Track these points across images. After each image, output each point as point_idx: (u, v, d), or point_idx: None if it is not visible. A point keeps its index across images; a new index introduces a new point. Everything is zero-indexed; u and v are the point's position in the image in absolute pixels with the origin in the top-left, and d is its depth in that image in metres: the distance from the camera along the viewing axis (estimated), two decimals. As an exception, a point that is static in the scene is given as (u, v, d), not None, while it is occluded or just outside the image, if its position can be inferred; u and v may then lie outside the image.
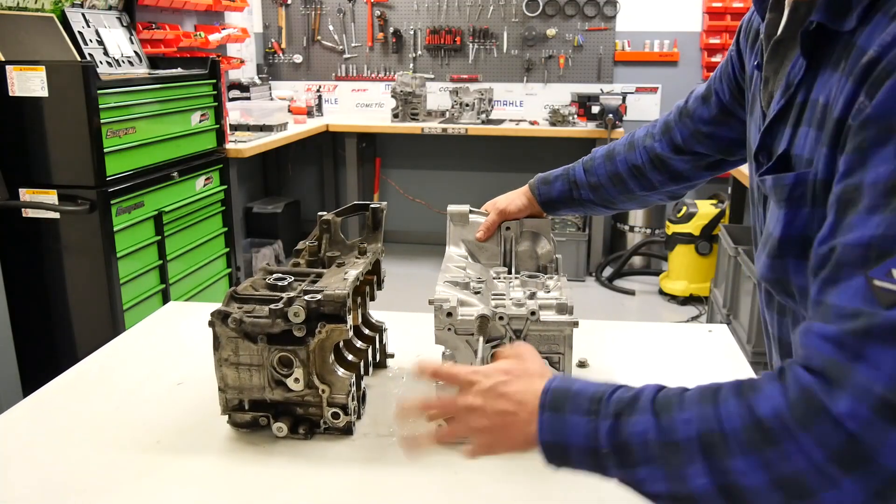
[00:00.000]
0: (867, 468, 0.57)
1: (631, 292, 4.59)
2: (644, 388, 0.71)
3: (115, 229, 2.76)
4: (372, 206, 1.33)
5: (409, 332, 1.45)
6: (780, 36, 0.82)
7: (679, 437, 0.65)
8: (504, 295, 1.13)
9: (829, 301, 0.62)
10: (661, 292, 4.55)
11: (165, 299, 3.07)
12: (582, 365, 1.33)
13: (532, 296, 1.11)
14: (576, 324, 1.07)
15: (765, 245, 0.80)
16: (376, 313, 1.38)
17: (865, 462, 0.57)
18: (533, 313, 1.05)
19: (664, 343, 1.47)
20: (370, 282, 1.31)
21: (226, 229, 3.59)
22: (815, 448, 0.58)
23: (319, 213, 1.30)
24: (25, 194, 2.69)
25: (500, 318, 1.06)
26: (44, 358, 2.78)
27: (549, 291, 1.15)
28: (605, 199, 1.32)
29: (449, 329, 1.05)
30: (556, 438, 0.73)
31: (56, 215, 2.69)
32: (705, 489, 0.64)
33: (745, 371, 1.32)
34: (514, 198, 1.34)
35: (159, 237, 3.05)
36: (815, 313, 0.64)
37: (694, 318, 4.19)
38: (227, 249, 3.62)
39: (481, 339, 1.04)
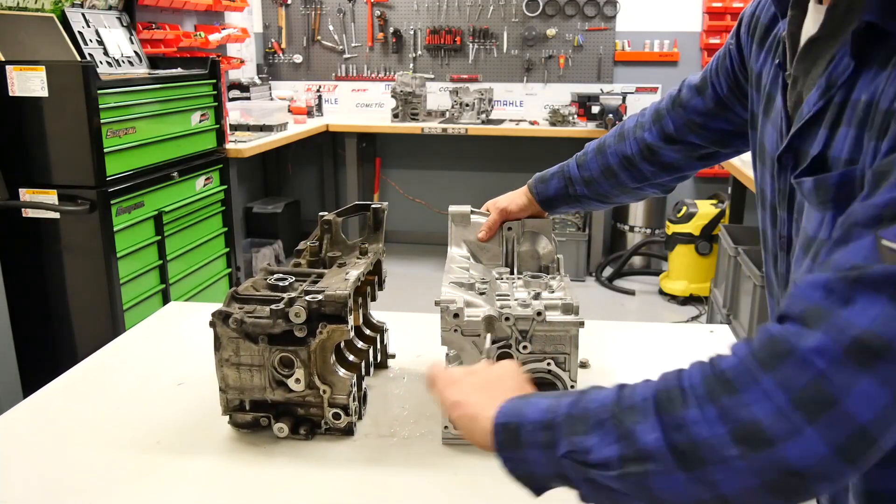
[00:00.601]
0: (832, 415, 0.54)
1: (631, 292, 4.59)
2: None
3: (115, 229, 2.75)
4: (373, 206, 1.33)
5: (410, 333, 1.45)
6: (816, 35, 0.79)
7: (636, 399, 0.63)
8: (508, 295, 1.13)
9: (832, 258, 0.60)
10: (661, 292, 4.55)
11: (165, 299, 3.07)
12: (583, 365, 1.33)
13: (537, 296, 1.11)
14: (581, 324, 1.07)
15: (806, 249, 0.77)
16: (377, 313, 1.38)
17: (830, 407, 0.54)
18: (539, 314, 1.05)
19: (665, 343, 1.47)
20: (371, 282, 1.31)
21: (226, 229, 3.59)
22: (777, 390, 0.55)
23: (320, 214, 1.30)
24: (25, 194, 2.69)
25: (507, 318, 1.06)
26: (44, 358, 2.77)
27: (553, 292, 1.15)
28: (600, 194, 1.31)
29: (455, 330, 1.05)
30: (513, 418, 0.71)
31: (56, 215, 2.69)
32: (656, 445, 0.60)
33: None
34: (515, 197, 1.34)
35: (159, 237, 3.05)
36: (816, 269, 0.62)
37: (694, 318, 4.19)
38: (227, 249, 3.62)
39: (489, 336, 1.04)
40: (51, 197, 2.68)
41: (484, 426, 0.73)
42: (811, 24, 0.81)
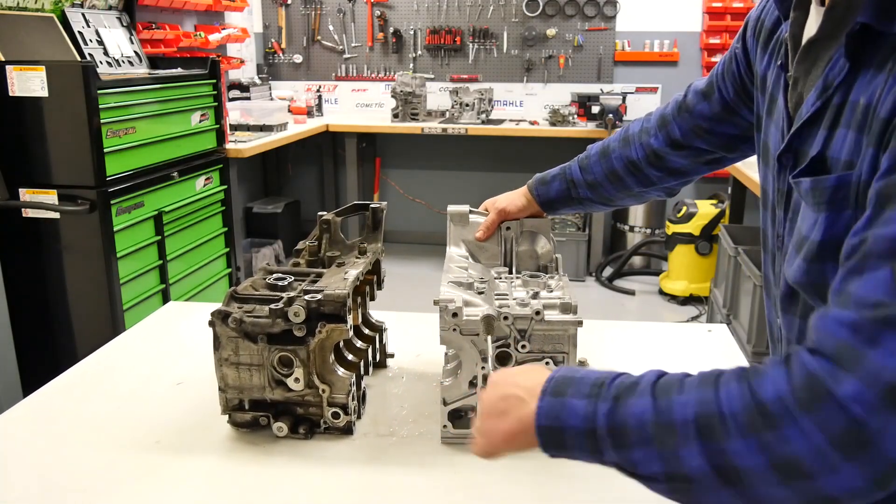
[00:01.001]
0: (868, 455, 0.57)
1: (631, 292, 4.59)
2: (646, 374, 0.72)
3: (115, 229, 2.75)
4: (372, 205, 1.33)
5: (409, 332, 1.45)
6: (815, 36, 0.80)
7: (675, 419, 0.66)
8: (507, 295, 1.13)
9: (850, 289, 0.62)
10: (661, 292, 4.55)
11: (165, 299, 3.07)
12: (581, 364, 1.33)
13: (535, 295, 1.11)
14: (580, 323, 1.07)
15: (798, 248, 0.78)
16: (376, 313, 1.38)
17: (867, 448, 0.57)
18: (538, 313, 1.05)
19: (664, 343, 1.47)
20: (370, 282, 1.31)
21: (226, 229, 3.60)
22: (816, 432, 0.58)
23: (319, 213, 1.30)
24: (25, 194, 2.69)
25: (505, 317, 1.06)
26: (44, 358, 2.78)
27: (551, 291, 1.15)
28: (603, 197, 1.32)
29: (454, 329, 1.05)
30: (554, 422, 0.73)
31: (56, 215, 2.69)
32: (701, 470, 0.64)
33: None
34: (514, 198, 1.34)
35: (159, 237, 3.05)
36: (834, 301, 0.63)
37: (694, 318, 4.19)
38: (227, 249, 3.62)
39: (489, 337, 1.04)
40: (51, 197, 2.68)
41: (526, 428, 0.75)
42: (813, 26, 0.81)
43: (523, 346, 1.07)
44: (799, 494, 0.61)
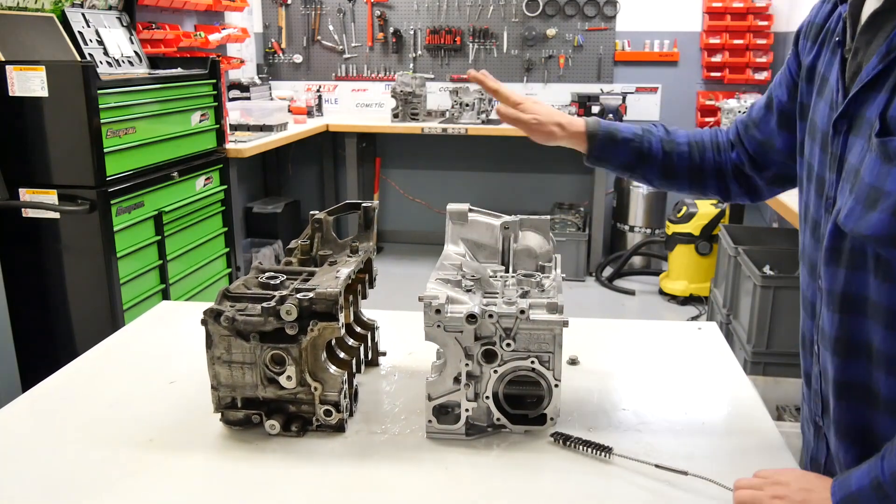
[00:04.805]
0: None
1: (631, 292, 4.59)
2: None
3: (115, 229, 2.76)
4: (363, 204, 1.33)
5: (400, 331, 1.46)
6: (881, 7, 0.86)
7: None
8: (497, 293, 1.13)
9: None
10: (661, 292, 4.55)
11: (165, 299, 3.08)
12: (573, 362, 1.34)
13: (525, 294, 1.12)
14: (565, 323, 1.07)
15: (872, 204, 0.82)
16: (371, 312, 1.38)
17: None
18: (522, 312, 1.05)
19: (654, 340, 1.47)
20: (362, 280, 1.31)
21: (226, 229, 3.60)
22: None
23: (311, 213, 1.31)
24: (25, 194, 2.70)
25: (490, 315, 1.06)
26: (44, 358, 2.78)
27: (543, 290, 1.15)
28: (667, 166, 1.25)
29: (438, 326, 1.06)
30: None
31: (56, 215, 2.70)
32: None
33: (733, 366, 1.33)
34: (573, 121, 1.25)
35: (159, 237, 3.06)
36: None
37: (694, 318, 4.19)
38: (227, 249, 3.63)
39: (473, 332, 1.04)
40: (51, 197, 2.69)
41: None
42: (872, 2, 0.88)
43: (508, 345, 1.07)
44: None
